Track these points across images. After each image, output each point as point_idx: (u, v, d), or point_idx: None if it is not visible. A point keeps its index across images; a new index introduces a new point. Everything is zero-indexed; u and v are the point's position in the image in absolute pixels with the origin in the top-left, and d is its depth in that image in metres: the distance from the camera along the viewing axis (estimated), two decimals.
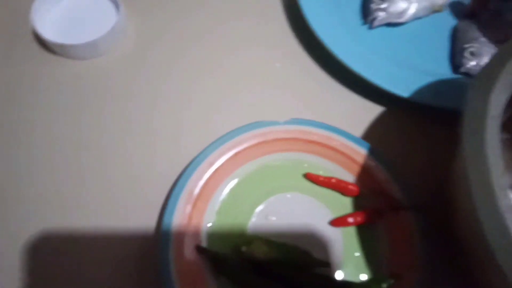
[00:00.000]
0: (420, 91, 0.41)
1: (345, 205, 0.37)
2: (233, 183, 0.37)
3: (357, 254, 0.35)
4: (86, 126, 0.41)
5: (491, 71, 0.28)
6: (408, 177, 0.38)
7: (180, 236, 0.34)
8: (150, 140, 0.40)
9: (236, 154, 0.38)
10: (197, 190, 0.36)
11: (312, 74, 0.45)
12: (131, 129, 0.41)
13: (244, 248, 0.34)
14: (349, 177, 0.38)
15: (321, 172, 0.38)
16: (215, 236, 0.35)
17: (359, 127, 0.42)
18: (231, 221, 0.36)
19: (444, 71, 0.44)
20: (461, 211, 0.31)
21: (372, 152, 0.38)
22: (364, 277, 0.34)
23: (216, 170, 0.37)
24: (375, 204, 0.37)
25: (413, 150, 0.41)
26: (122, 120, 0.41)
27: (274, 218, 0.36)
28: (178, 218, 0.34)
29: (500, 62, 0.28)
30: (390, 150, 0.40)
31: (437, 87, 0.41)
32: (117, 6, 0.45)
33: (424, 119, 0.42)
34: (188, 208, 0.35)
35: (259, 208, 0.37)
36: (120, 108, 0.42)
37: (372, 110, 0.43)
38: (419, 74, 0.42)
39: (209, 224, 0.35)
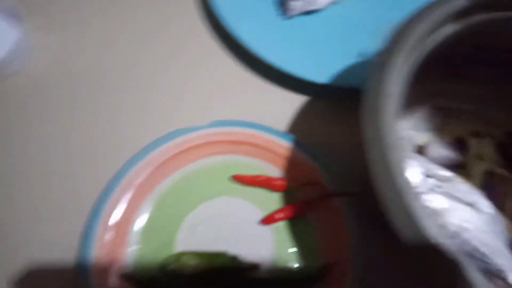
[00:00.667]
0: (340, 76, 0.40)
1: (275, 201, 0.37)
2: (156, 199, 0.35)
3: (291, 249, 0.35)
4: None
5: (388, 50, 0.28)
6: (336, 164, 0.37)
7: (101, 266, 0.32)
8: (66, 163, 0.38)
9: (156, 168, 0.36)
10: (115, 215, 0.34)
11: (234, 72, 0.43)
12: (47, 152, 0.38)
13: (172, 266, 0.32)
14: (277, 172, 0.37)
15: (249, 172, 0.37)
16: (141, 259, 0.33)
17: (285, 121, 0.41)
18: (157, 240, 0.34)
19: (362, 53, 0.44)
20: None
21: (297, 144, 0.37)
22: (299, 272, 0.34)
23: (136, 190, 0.35)
24: (304, 195, 0.36)
25: (340, 137, 0.40)
26: (38, 143, 0.38)
27: (201, 228, 0.35)
28: (98, 247, 0.32)
29: (396, 40, 0.28)
30: (316, 140, 0.39)
31: (356, 70, 0.41)
32: (16, 23, 0.42)
33: (349, 105, 0.42)
34: (107, 235, 0.33)
35: (186, 220, 0.35)
36: (34, 129, 0.39)
37: (296, 102, 0.42)
38: (338, 59, 0.41)
39: (134, 248, 0.34)
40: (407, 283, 0.34)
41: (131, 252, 0.33)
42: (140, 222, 0.34)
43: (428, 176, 0.35)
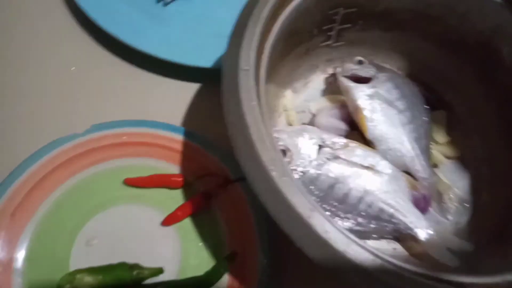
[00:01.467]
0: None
1: (176, 199, 0.35)
2: (39, 220, 0.32)
3: (200, 244, 0.33)
4: None
5: (240, 28, 0.26)
6: (231, 150, 0.36)
7: None
8: None
9: (36, 185, 0.33)
10: None
11: (113, 68, 0.40)
12: None
13: (67, 287, 0.30)
14: (174, 168, 0.35)
15: (143, 174, 0.35)
16: (33, 286, 0.30)
17: (175, 112, 0.39)
18: (48, 263, 0.31)
19: None
20: None
21: (188, 136, 0.36)
22: (210, 266, 0.32)
23: (13, 214, 0.32)
24: (204, 187, 0.34)
25: None
26: None
27: (97, 242, 0.32)
28: None
29: (245, 19, 0.27)
30: (209, 128, 0.37)
31: None
32: None
33: None
34: None
35: (78, 236, 0.32)
36: None
37: (186, 91, 0.40)
38: (220, 42, 0.40)
39: (21, 276, 0.30)
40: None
41: (19, 282, 0.30)
42: (25, 248, 0.31)
43: (323, 146, 0.34)
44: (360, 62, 0.38)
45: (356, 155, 0.35)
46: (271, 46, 0.28)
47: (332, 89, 0.40)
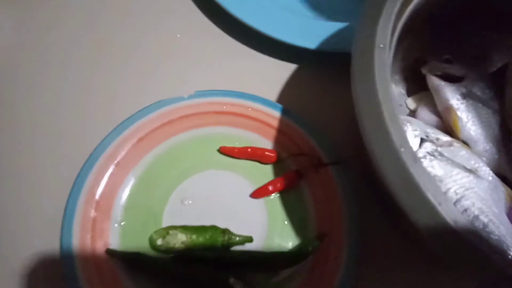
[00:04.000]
0: (327, 41, 0.38)
1: (265, 173, 0.35)
2: (140, 173, 0.34)
3: (285, 221, 0.33)
4: None
5: (373, 6, 0.26)
6: (327, 133, 0.36)
7: (85, 243, 0.30)
8: (45, 139, 0.36)
9: (139, 140, 0.34)
10: (98, 190, 0.32)
11: (217, 40, 0.41)
12: (20, 130, 0.36)
13: (159, 241, 0.31)
14: (266, 143, 0.36)
15: (236, 143, 0.35)
16: (128, 233, 0.32)
17: (272, 90, 0.39)
18: (144, 215, 0.33)
19: (352, 17, 0.41)
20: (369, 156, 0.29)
21: (286, 114, 0.36)
22: (294, 242, 0.32)
23: (118, 163, 0.33)
24: (295, 166, 0.34)
25: (329, 105, 0.38)
26: (8, 123, 0.37)
27: (190, 202, 0.33)
28: (81, 224, 0.31)
29: None
30: (306, 109, 0.37)
31: (343, 35, 0.39)
32: None
33: (337, 71, 0.40)
34: (90, 211, 0.31)
35: (173, 194, 0.34)
36: (6, 107, 0.37)
37: (283, 71, 0.40)
38: (327, 24, 0.39)
39: (118, 223, 0.32)
40: (402, 250, 0.33)
41: (116, 228, 0.32)
42: (124, 197, 0.33)
43: (425, 140, 0.33)
44: (448, 61, 0.37)
45: (460, 155, 0.33)
46: (400, 29, 0.27)
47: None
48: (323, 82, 0.39)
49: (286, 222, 0.33)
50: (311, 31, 0.39)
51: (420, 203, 0.21)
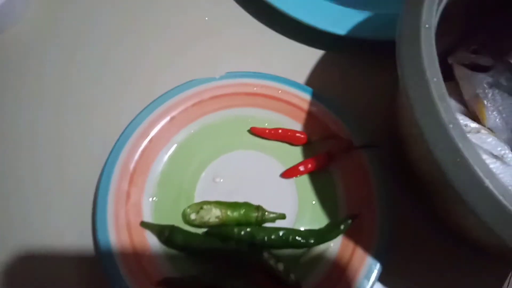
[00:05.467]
0: (357, 28, 0.39)
1: (295, 154, 0.35)
2: (172, 150, 0.34)
3: (314, 202, 0.34)
4: None
5: None
6: (357, 116, 0.36)
7: (119, 216, 0.30)
8: (76, 115, 0.36)
9: (171, 119, 0.34)
10: (131, 165, 0.32)
11: (245, 23, 0.41)
12: (50, 106, 0.36)
13: (193, 216, 0.31)
14: (296, 125, 0.36)
15: (266, 125, 0.36)
16: (160, 209, 0.32)
17: (301, 74, 0.39)
18: (176, 191, 0.33)
19: (381, 5, 0.42)
20: (409, 136, 0.29)
21: (316, 97, 0.36)
22: (322, 224, 0.33)
23: (151, 139, 0.33)
24: (325, 148, 0.35)
25: (359, 90, 0.39)
26: (38, 98, 0.37)
27: (221, 180, 0.34)
28: (115, 197, 0.31)
29: None
30: (335, 93, 0.38)
31: (373, 22, 0.39)
32: None
33: (366, 57, 0.40)
34: (124, 185, 0.31)
35: (204, 172, 0.34)
36: (37, 82, 0.37)
37: (312, 55, 0.40)
38: (355, 10, 0.40)
39: (152, 198, 0.32)
40: (434, 234, 0.33)
41: (149, 202, 0.32)
42: (157, 172, 0.33)
43: None
44: (475, 51, 0.37)
45: (487, 142, 0.34)
46: (440, 13, 0.27)
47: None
48: (351, 68, 0.40)
49: (314, 203, 0.34)
50: (341, 18, 0.39)
51: (469, 178, 0.21)
